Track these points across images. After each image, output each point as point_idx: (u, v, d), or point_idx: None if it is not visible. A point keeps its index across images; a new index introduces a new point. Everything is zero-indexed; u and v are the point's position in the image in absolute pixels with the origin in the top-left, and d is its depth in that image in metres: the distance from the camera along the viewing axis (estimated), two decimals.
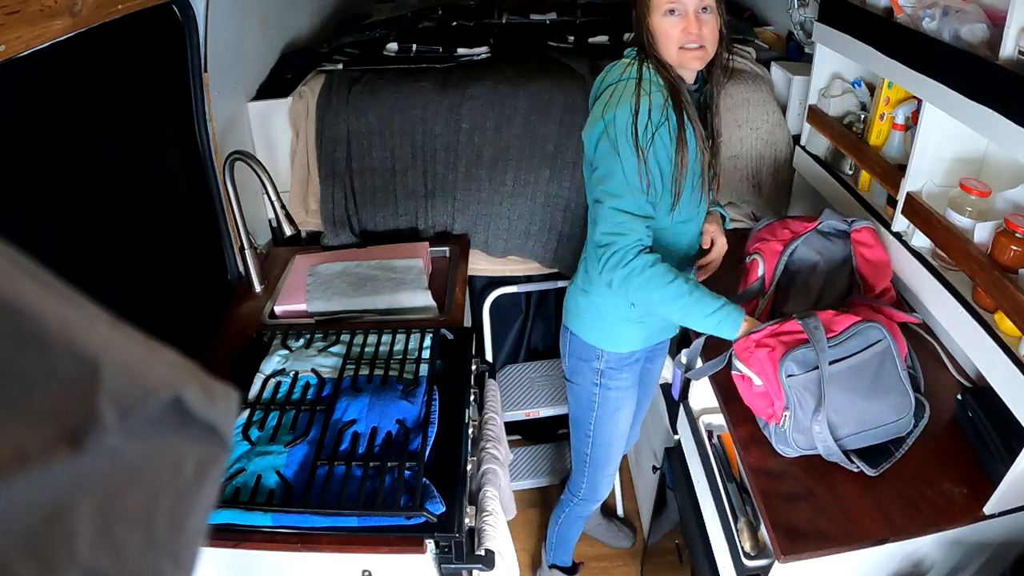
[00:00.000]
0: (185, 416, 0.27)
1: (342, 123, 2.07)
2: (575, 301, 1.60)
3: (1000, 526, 1.24)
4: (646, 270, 1.28)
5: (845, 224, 1.49)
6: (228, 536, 1.21)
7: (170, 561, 0.27)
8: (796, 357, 1.22)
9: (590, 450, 1.74)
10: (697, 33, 1.27)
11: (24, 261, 0.24)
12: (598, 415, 1.68)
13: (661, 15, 1.28)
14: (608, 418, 1.69)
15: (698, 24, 1.27)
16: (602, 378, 1.62)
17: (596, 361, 1.60)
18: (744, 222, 2.14)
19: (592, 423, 1.70)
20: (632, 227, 1.28)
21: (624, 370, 1.63)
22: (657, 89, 1.31)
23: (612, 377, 1.62)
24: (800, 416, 1.25)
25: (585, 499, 1.85)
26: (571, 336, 1.63)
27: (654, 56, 1.32)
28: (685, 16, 1.27)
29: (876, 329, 1.24)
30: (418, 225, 2.18)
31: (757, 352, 1.26)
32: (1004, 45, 1.12)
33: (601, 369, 1.61)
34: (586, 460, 1.76)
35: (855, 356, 1.23)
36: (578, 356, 1.63)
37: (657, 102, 1.30)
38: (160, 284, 1.63)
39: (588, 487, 1.81)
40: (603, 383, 1.63)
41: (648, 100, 1.29)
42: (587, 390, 1.66)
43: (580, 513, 1.92)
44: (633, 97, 1.29)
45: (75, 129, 1.33)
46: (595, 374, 1.62)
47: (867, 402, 1.25)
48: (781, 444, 1.31)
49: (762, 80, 2.13)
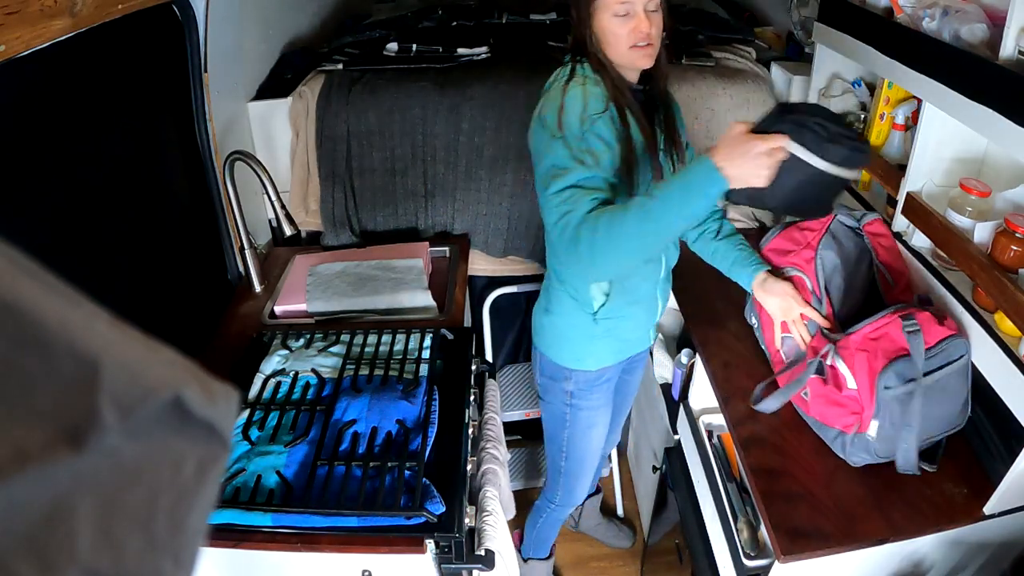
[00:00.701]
0: (185, 416, 0.27)
1: (342, 123, 2.07)
2: (539, 321, 1.56)
3: (1000, 526, 1.24)
4: (599, 219, 1.13)
5: (855, 220, 1.49)
6: (228, 536, 1.21)
7: (170, 561, 0.27)
8: (897, 370, 1.21)
9: (564, 463, 1.73)
10: (647, 32, 1.26)
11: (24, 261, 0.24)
12: (570, 433, 1.66)
13: (611, 16, 1.26)
14: (581, 435, 1.67)
15: (648, 23, 1.25)
16: (573, 399, 1.59)
17: (566, 382, 1.57)
18: (744, 222, 2.14)
19: (565, 440, 1.68)
20: (579, 198, 1.17)
21: (595, 390, 1.59)
22: (593, 83, 1.28)
23: (583, 397, 1.59)
24: (888, 426, 1.24)
25: (561, 505, 1.84)
26: (540, 355, 1.60)
27: (595, 57, 1.30)
28: (635, 16, 1.25)
29: (961, 342, 1.24)
30: (418, 225, 2.18)
31: (858, 355, 1.24)
32: (1004, 45, 1.12)
33: (571, 390, 1.58)
34: (560, 471, 1.75)
35: (941, 371, 1.22)
36: (548, 376, 1.60)
37: (595, 91, 1.26)
38: (160, 284, 1.63)
39: (564, 494, 1.80)
40: (574, 403, 1.60)
41: (582, 90, 1.26)
42: (559, 409, 1.63)
43: (558, 517, 1.91)
44: (563, 88, 1.27)
45: (75, 129, 1.33)
46: (565, 395, 1.59)
47: (943, 412, 1.26)
48: (860, 452, 1.29)
49: (762, 80, 2.12)
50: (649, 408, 2.08)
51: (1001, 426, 1.25)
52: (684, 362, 1.74)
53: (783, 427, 1.41)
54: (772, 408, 1.39)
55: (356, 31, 2.37)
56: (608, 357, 1.54)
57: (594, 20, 1.28)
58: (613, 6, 1.25)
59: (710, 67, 2.13)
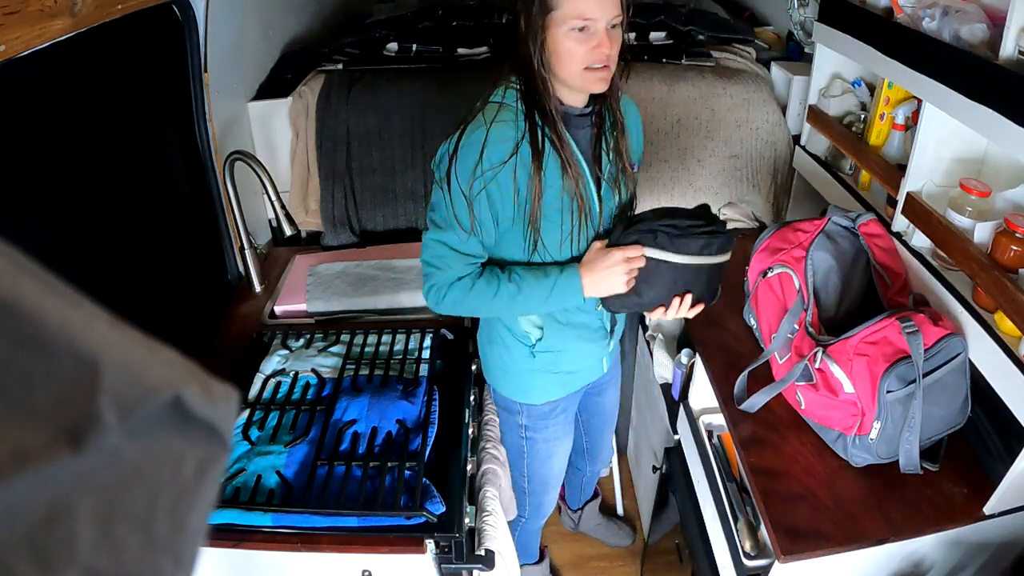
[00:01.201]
0: (185, 416, 0.27)
1: (342, 123, 2.07)
2: (483, 352, 1.51)
3: (1000, 526, 1.24)
4: (465, 297, 1.21)
5: (850, 220, 1.49)
6: (228, 536, 1.21)
7: (170, 561, 0.27)
8: (899, 374, 1.21)
9: (527, 486, 1.69)
10: (607, 53, 1.12)
11: (24, 261, 0.24)
12: (529, 462, 1.61)
13: (566, 31, 1.11)
14: (540, 464, 1.62)
15: (608, 43, 1.12)
16: (527, 432, 1.54)
17: (518, 416, 1.52)
18: (744, 222, 2.14)
19: (525, 468, 1.63)
20: (451, 263, 1.20)
21: (549, 422, 1.53)
22: (506, 122, 1.17)
23: (537, 430, 1.54)
24: (890, 427, 1.24)
25: (531, 518, 1.80)
26: (489, 386, 1.55)
27: (535, 79, 1.17)
28: (596, 34, 1.11)
29: (958, 341, 1.24)
30: (418, 225, 2.17)
31: (857, 360, 1.24)
32: (1004, 45, 1.12)
33: (524, 424, 1.53)
34: (525, 491, 1.71)
35: (940, 370, 1.22)
36: (502, 407, 1.56)
37: (500, 135, 1.16)
38: (160, 284, 1.63)
39: (531, 510, 1.77)
40: (529, 436, 1.55)
41: (484, 133, 1.15)
42: (515, 440, 1.58)
43: (532, 528, 1.88)
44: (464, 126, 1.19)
45: (75, 129, 1.33)
46: (519, 428, 1.54)
47: (943, 411, 1.26)
48: (861, 453, 1.29)
49: (762, 80, 2.13)
50: (649, 408, 2.08)
51: (1001, 426, 1.25)
52: (684, 362, 1.74)
53: (783, 427, 1.41)
54: (756, 406, 1.42)
55: (356, 31, 2.37)
56: (553, 391, 1.48)
57: (546, 33, 1.14)
58: (571, 20, 1.10)
59: (710, 67, 2.13)
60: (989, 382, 1.21)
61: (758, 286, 1.55)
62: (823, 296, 1.45)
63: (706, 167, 2.10)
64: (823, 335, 1.36)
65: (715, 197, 2.13)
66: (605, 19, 1.11)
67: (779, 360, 1.45)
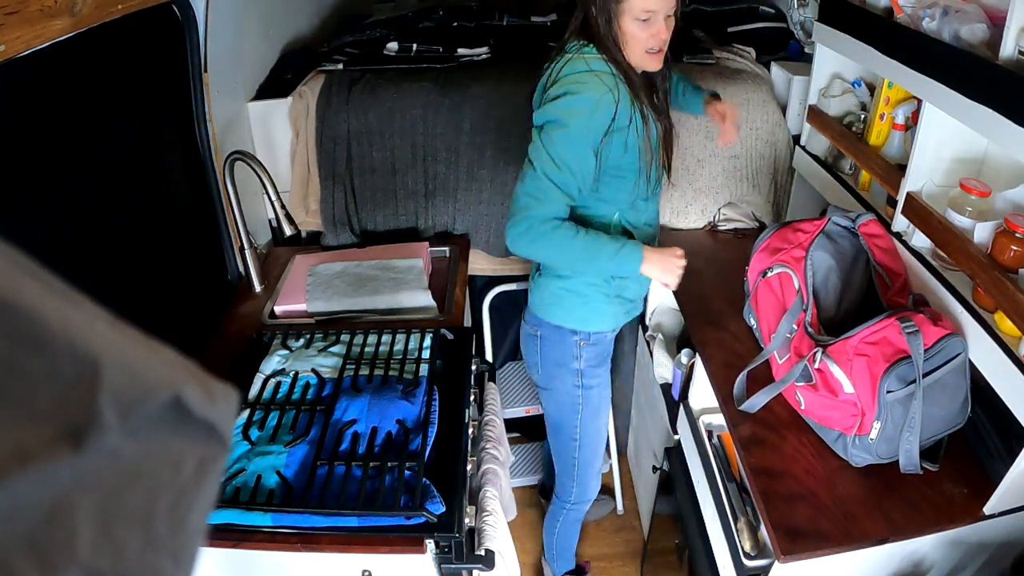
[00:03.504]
0: (185, 416, 0.27)
1: (342, 123, 2.07)
2: (545, 291, 1.59)
3: (1000, 526, 1.24)
4: (550, 237, 1.34)
5: (850, 220, 1.49)
6: (228, 536, 1.21)
7: (170, 560, 0.27)
8: (899, 374, 1.21)
9: (578, 453, 1.73)
10: (665, 38, 1.35)
11: (24, 261, 0.24)
12: (583, 417, 1.67)
13: (633, 19, 1.33)
14: (592, 417, 1.69)
15: (667, 29, 1.34)
16: (583, 378, 1.62)
17: (575, 361, 1.60)
18: (744, 222, 2.14)
19: (578, 426, 1.68)
20: (553, 199, 1.34)
21: (602, 363, 1.64)
22: (621, 84, 1.36)
23: (592, 375, 1.62)
24: (890, 428, 1.24)
25: (577, 502, 1.84)
26: (542, 339, 1.62)
27: (611, 52, 1.36)
28: (656, 22, 1.33)
29: (958, 341, 1.24)
30: (418, 225, 2.18)
31: (856, 360, 1.24)
32: (1004, 45, 1.12)
33: (581, 369, 1.60)
34: (574, 463, 1.75)
35: (940, 370, 1.23)
36: (554, 361, 1.63)
37: (624, 99, 1.36)
38: (160, 284, 1.63)
39: (579, 490, 1.80)
40: (584, 383, 1.63)
41: (614, 95, 1.34)
42: (568, 395, 1.65)
43: (575, 517, 1.91)
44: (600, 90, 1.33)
45: (75, 129, 1.33)
46: (575, 376, 1.62)
47: (943, 411, 1.26)
48: (862, 453, 1.29)
49: (762, 80, 2.12)
50: (649, 408, 2.08)
51: (1001, 426, 1.25)
52: (684, 362, 1.74)
53: (783, 427, 1.41)
54: (756, 407, 1.42)
55: (356, 31, 2.37)
56: (620, 318, 1.61)
57: (618, 20, 1.34)
58: (637, 11, 1.31)
59: (710, 66, 2.13)
60: (989, 382, 1.21)
61: (758, 286, 1.55)
62: (823, 296, 1.45)
63: (706, 167, 2.10)
64: (822, 335, 1.36)
65: (715, 197, 2.13)
66: (665, 10, 1.32)
67: (779, 360, 1.45)
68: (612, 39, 1.36)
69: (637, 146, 1.41)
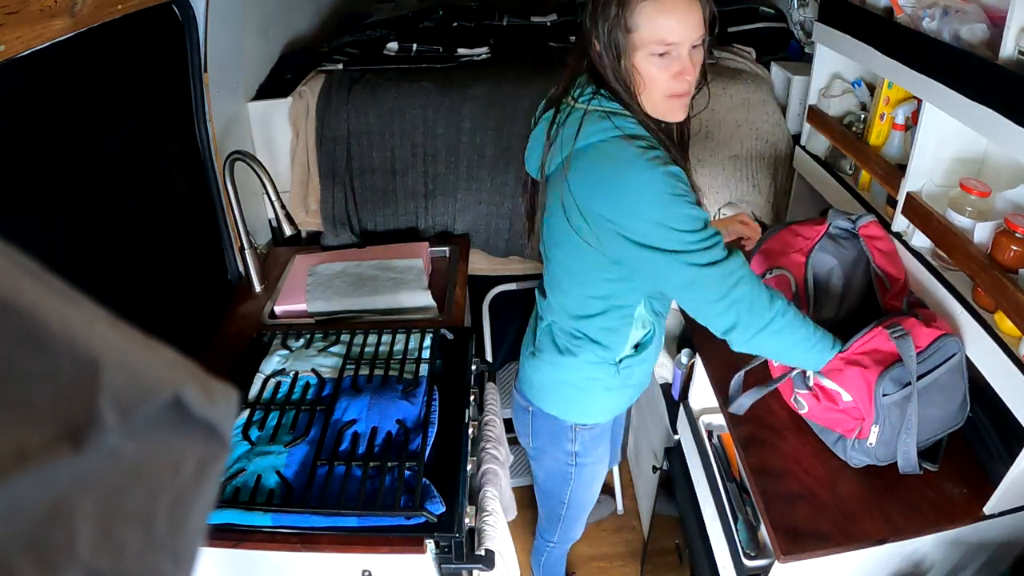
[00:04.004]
0: (185, 415, 0.27)
1: (342, 123, 2.07)
2: (540, 377, 1.39)
3: (1000, 526, 1.24)
4: (778, 321, 1.12)
5: (850, 222, 1.49)
6: (228, 536, 1.21)
7: (170, 560, 0.27)
8: (893, 376, 1.21)
9: (565, 512, 1.61)
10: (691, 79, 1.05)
11: (24, 261, 0.24)
12: (574, 488, 1.52)
13: (648, 55, 1.03)
14: (584, 490, 1.54)
15: (692, 67, 1.05)
16: (578, 458, 1.45)
17: (570, 442, 1.42)
18: None
19: (568, 495, 1.54)
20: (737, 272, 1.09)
21: (601, 442, 1.46)
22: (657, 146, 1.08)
23: (588, 454, 1.45)
24: (887, 431, 1.24)
25: (560, 543, 1.75)
26: (534, 416, 1.43)
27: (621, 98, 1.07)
28: (679, 58, 1.03)
29: (953, 341, 1.24)
30: (418, 225, 2.18)
31: (849, 370, 1.24)
32: (1004, 45, 1.12)
33: (576, 451, 1.44)
34: (560, 519, 1.64)
35: (937, 370, 1.23)
36: (547, 439, 1.45)
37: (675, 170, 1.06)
38: (160, 284, 1.63)
39: (562, 534, 1.70)
40: (579, 462, 1.46)
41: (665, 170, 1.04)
42: (560, 470, 1.49)
43: (560, 553, 1.84)
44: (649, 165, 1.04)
45: (75, 129, 1.33)
46: (569, 456, 1.45)
47: (941, 411, 1.26)
48: (860, 456, 1.29)
49: (762, 80, 2.13)
50: (649, 408, 2.08)
51: (1001, 426, 1.25)
52: (684, 362, 1.74)
53: (783, 427, 1.41)
54: (744, 407, 1.41)
55: (356, 31, 2.37)
56: (621, 405, 1.43)
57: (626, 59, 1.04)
58: (652, 43, 1.02)
59: (710, 66, 2.13)
60: (989, 382, 1.21)
61: None
62: (824, 297, 1.45)
63: (706, 167, 2.10)
64: None
65: (715, 197, 2.13)
66: (688, 40, 1.02)
67: (774, 362, 1.46)
68: (623, 82, 1.06)
69: None
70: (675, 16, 1.01)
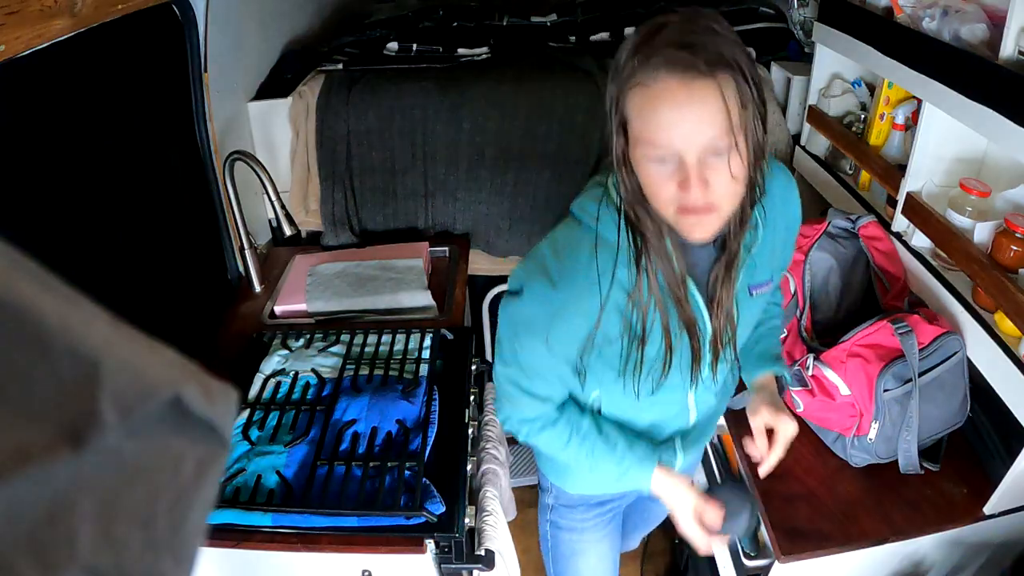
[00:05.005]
0: (185, 415, 0.27)
1: (342, 123, 2.07)
2: None
3: (1000, 526, 1.24)
4: (539, 438, 1.04)
5: (850, 222, 1.49)
6: (228, 536, 1.21)
7: (170, 560, 0.27)
8: (895, 372, 1.21)
9: None
10: (702, 193, 0.77)
11: (24, 261, 0.25)
12: (552, 556, 1.36)
13: (642, 156, 0.79)
14: (564, 563, 1.33)
15: (702, 181, 0.77)
16: (551, 514, 1.29)
17: (547, 494, 1.29)
18: None
19: (549, 560, 1.38)
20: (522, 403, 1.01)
21: (579, 513, 1.26)
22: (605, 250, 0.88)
23: (562, 515, 1.28)
24: (888, 427, 1.24)
25: None
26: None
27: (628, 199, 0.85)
28: (681, 169, 0.77)
29: (955, 339, 1.24)
30: (418, 225, 2.18)
31: (851, 362, 1.24)
32: (1004, 45, 1.12)
33: (551, 504, 1.28)
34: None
35: (938, 368, 1.23)
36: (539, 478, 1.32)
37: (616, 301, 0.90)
38: (160, 284, 1.63)
39: None
40: (552, 519, 1.30)
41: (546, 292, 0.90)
42: (540, 525, 1.35)
43: None
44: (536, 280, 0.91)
45: (75, 129, 1.33)
46: (545, 508, 1.31)
47: (941, 410, 1.26)
48: (861, 453, 1.29)
49: (762, 80, 2.12)
50: None
51: (1001, 426, 1.26)
52: None
53: None
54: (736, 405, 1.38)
55: (356, 31, 2.37)
56: (596, 485, 1.20)
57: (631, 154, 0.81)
58: (645, 145, 0.77)
59: None
60: (989, 382, 1.21)
61: None
62: (823, 297, 1.45)
63: None
64: (814, 341, 1.36)
65: None
66: (693, 149, 0.75)
67: None
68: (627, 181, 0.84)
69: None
70: (671, 114, 0.74)
